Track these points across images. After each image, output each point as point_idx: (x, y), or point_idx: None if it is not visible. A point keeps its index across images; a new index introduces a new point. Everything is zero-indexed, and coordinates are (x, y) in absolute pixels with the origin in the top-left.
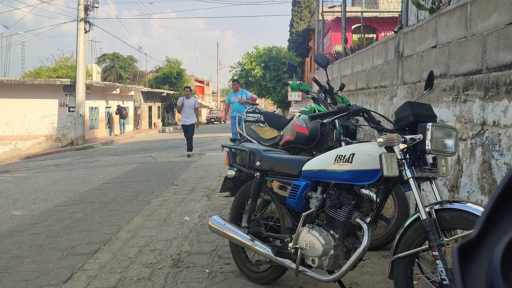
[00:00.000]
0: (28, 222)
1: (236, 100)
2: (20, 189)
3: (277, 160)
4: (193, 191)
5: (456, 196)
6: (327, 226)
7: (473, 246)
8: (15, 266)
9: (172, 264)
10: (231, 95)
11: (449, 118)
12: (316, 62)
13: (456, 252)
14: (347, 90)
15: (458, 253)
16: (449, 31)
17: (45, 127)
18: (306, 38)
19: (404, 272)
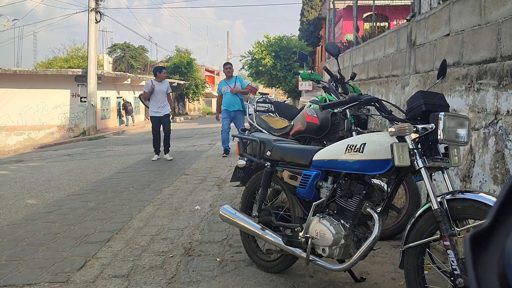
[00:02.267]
0: (42, 210)
1: (227, 90)
2: (34, 178)
3: (288, 150)
4: (204, 181)
5: (468, 186)
6: (337, 215)
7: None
8: (30, 254)
9: (183, 253)
10: (222, 84)
11: (462, 107)
12: (327, 51)
13: (468, 241)
14: (358, 80)
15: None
16: (462, 19)
17: (58, 117)
18: (317, 27)
19: (415, 262)
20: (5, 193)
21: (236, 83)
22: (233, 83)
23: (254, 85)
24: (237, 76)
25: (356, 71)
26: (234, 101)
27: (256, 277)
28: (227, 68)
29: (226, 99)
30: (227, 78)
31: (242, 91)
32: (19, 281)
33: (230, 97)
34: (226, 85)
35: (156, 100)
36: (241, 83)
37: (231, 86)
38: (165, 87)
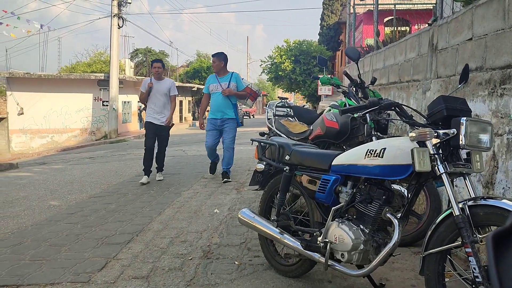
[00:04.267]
0: (65, 212)
1: (217, 90)
2: (57, 180)
3: (307, 154)
4: (223, 184)
5: (491, 192)
6: (357, 220)
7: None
8: (53, 254)
9: (202, 256)
10: (211, 80)
11: (484, 112)
12: (348, 55)
13: (491, 241)
14: (378, 84)
15: (493, 242)
16: (485, 23)
17: (80, 121)
18: (337, 32)
19: (436, 269)
20: (29, 195)
21: (230, 82)
22: (226, 82)
23: (255, 88)
24: (233, 72)
25: (376, 75)
26: (224, 105)
27: (274, 281)
28: (215, 61)
29: (215, 102)
30: (219, 73)
31: (237, 94)
32: (42, 281)
33: (220, 100)
34: (216, 82)
35: (153, 103)
36: (238, 83)
37: (223, 86)
38: (165, 87)
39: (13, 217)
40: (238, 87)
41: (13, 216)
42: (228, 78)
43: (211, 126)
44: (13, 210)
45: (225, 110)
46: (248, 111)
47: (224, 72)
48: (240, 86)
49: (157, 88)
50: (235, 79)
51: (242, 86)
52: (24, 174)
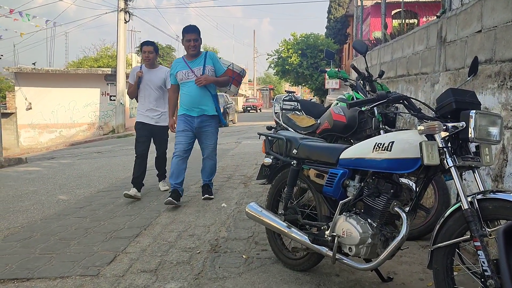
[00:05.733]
0: (74, 206)
1: (190, 79)
2: (66, 174)
3: (314, 148)
4: (230, 179)
5: (500, 186)
6: (364, 214)
7: None
8: (62, 248)
9: (210, 249)
10: (178, 66)
11: (494, 105)
12: (355, 48)
13: (502, 235)
14: (386, 77)
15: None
16: (495, 15)
17: (88, 116)
18: (344, 25)
19: (444, 262)
20: (38, 189)
21: (205, 65)
22: (200, 66)
23: (238, 68)
24: (207, 52)
25: (384, 69)
26: (201, 99)
27: (282, 275)
28: (188, 40)
29: (187, 95)
30: (188, 56)
31: (217, 81)
32: (52, 274)
33: (195, 91)
34: (186, 68)
35: (144, 97)
36: (216, 65)
37: (197, 72)
38: (159, 77)
39: (23, 212)
40: (217, 71)
41: (23, 210)
42: (202, 60)
43: (184, 125)
44: (23, 204)
45: (203, 105)
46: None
47: (197, 53)
48: (220, 69)
49: (149, 78)
50: (212, 60)
51: (222, 68)
52: (33, 169)
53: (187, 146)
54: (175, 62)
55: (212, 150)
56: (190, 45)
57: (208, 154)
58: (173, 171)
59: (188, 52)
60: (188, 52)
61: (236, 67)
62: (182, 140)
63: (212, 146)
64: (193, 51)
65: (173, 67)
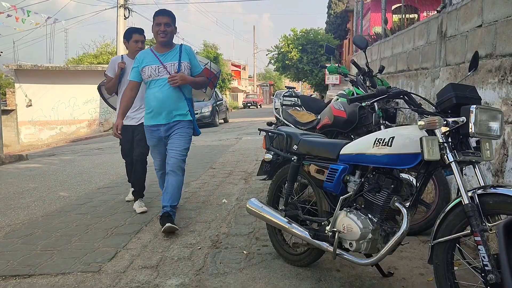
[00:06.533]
0: (74, 203)
1: (161, 76)
2: (66, 171)
3: (315, 144)
4: (231, 175)
5: (501, 181)
6: (365, 210)
7: None
8: (64, 244)
9: (211, 245)
10: (145, 59)
11: (494, 100)
12: (355, 44)
13: (502, 229)
14: (386, 73)
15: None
16: (496, 9)
17: (88, 112)
18: (344, 20)
19: (445, 257)
20: (39, 186)
21: (181, 61)
22: (174, 61)
23: (215, 68)
24: (182, 45)
25: (384, 64)
26: (173, 102)
27: (283, 270)
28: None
29: (156, 96)
30: (159, 46)
31: (194, 82)
32: (53, 270)
33: (167, 93)
34: (157, 62)
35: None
36: (193, 61)
37: (170, 68)
38: None
39: (24, 208)
40: (193, 70)
41: (24, 207)
42: (176, 54)
43: (153, 140)
44: (24, 201)
45: (175, 109)
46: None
47: (169, 44)
48: (196, 68)
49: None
50: (188, 56)
51: (199, 67)
52: (34, 166)
53: (162, 161)
54: (141, 54)
55: (179, 159)
56: (159, 30)
57: (173, 165)
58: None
59: (157, 39)
60: (157, 40)
61: (214, 66)
62: (157, 156)
63: (180, 152)
64: (163, 38)
65: (138, 59)
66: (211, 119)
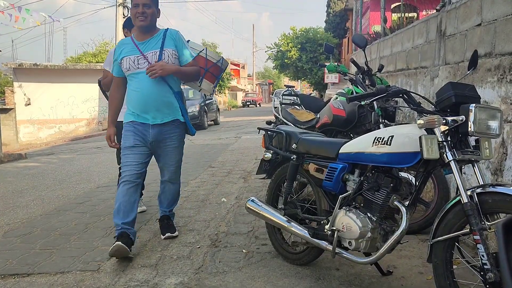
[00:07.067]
0: (73, 201)
1: (141, 69)
2: (65, 170)
3: (314, 143)
4: (230, 173)
5: (500, 179)
6: (364, 208)
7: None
8: (63, 243)
9: (210, 244)
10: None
11: (493, 99)
12: (354, 42)
13: (501, 228)
14: (386, 71)
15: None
16: (495, 8)
17: (87, 111)
18: (343, 19)
19: (444, 256)
20: (38, 185)
21: (164, 49)
22: (155, 49)
23: (214, 56)
24: (168, 29)
25: (383, 63)
26: (158, 97)
27: (282, 269)
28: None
29: (137, 91)
30: (138, 34)
31: (181, 72)
32: (52, 269)
33: (150, 86)
34: (136, 52)
35: None
36: (179, 47)
37: (151, 58)
38: None
39: (23, 207)
40: (182, 58)
41: (23, 206)
42: (159, 41)
43: (134, 138)
44: (23, 200)
45: (162, 106)
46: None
47: (150, 30)
48: (185, 55)
49: None
50: (174, 42)
51: (188, 55)
52: (33, 164)
53: (140, 168)
54: (120, 44)
55: (175, 171)
56: (137, 13)
57: (170, 177)
58: (119, 205)
59: (136, 23)
60: (136, 25)
61: (212, 54)
62: (132, 160)
63: (175, 166)
64: (142, 21)
65: (117, 50)
66: (198, 120)
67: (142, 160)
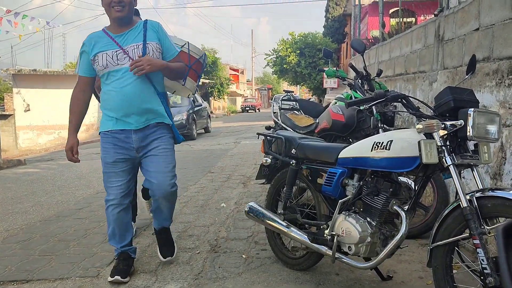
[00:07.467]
0: (73, 207)
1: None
2: (64, 176)
3: (313, 148)
4: (229, 179)
5: (499, 184)
6: (364, 213)
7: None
8: (62, 249)
9: (210, 249)
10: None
11: (492, 103)
12: (353, 47)
13: (501, 232)
14: (384, 76)
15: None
16: (492, 13)
17: (86, 117)
18: (342, 24)
19: (443, 261)
20: (37, 191)
21: (147, 42)
22: (137, 43)
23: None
24: (147, 21)
25: (382, 67)
26: (142, 98)
27: (282, 274)
28: None
29: (117, 92)
30: (113, 26)
31: (168, 68)
32: (51, 276)
33: (132, 85)
34: (113, 46)
35: None
36: (163, 40)
37: (133, 53)
38: None
39: (22, 213)
40: (166, 53)
41: (22, 212)
42: (140, 33)
43: (115, 152)
44: (22, 206)
45: (148, 109)
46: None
47: (128, 22)
48: (170, 50)
49: None
50: (156, 34)
51: (173, 49)
52: (32, 170)
53: (125, 187)
54: (90, 38)
55: (170, 183)
56: (113, 1)
57: (165, 194)
58: (113, 229)
59: (112, 14)
60: (111, 16)
61: (194, 48)
62: (116, 180)
63: (168, 173)
64: (119, 11)
65: (87, 45)
66: (186, 129)
67: (126, 178)
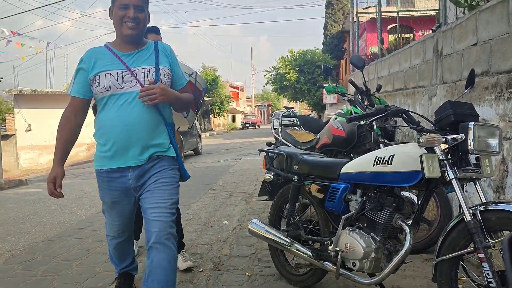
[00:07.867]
0: (75, 227)
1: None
2: (67, 195)
3: (315, 163)
4: (231, 196)
5: (502, 197)
6: (367, 228)
7: None
8: (64, 269)
9: (213, 267)
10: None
11: (492, 117)
12: (352, 63)
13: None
14: (384, 91)
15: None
16: (490, 28)
17: (88, 136)
18: (340, 40)
19: (448, 275)
20: (39, 210)
21: (160, 66)
22: (149, 66)
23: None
24: (157, 42)
25: (381, 83)
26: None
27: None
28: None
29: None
30: (120, 42)
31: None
32: None
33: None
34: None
35: None
36: (174, 69)
37: (142, 76)
38: None
39: (24, 234)
40: (177, 81)
41: (24, 232)
42: (151, 55)
43: (112, 195)
44: (24, 226)
45: (150, 142)
46: (254, 121)
47: (139, 40)
48: (179, 79)
49: None
50: (167, 58)
51: (182, 78)
52: (34, 190)
53: (124, 226)
54: (90, 54)
55: (167, 222)
56: (127, 16)
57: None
58: (112, 254)
59: (122, 30)
60: (121, 32)
61: (200, 80)
62: (113, 218)
63: (167, 210)
64: (133, 28)
65: (86, 61)
66: None
67: (124, 220)
